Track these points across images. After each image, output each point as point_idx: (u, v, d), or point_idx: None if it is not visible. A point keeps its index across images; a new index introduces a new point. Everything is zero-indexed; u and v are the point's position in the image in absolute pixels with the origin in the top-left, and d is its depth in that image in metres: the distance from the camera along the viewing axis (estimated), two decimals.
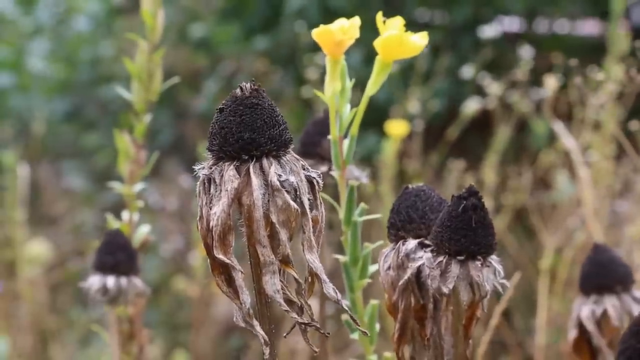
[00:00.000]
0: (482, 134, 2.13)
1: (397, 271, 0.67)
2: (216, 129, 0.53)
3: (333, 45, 0.68)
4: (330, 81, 0.69)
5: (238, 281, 0.53)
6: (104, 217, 0.95)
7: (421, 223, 0.67)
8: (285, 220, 0.52)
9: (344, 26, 0.68)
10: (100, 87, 2.89)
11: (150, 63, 0.93)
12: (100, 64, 2.96)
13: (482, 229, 0.62)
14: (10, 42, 3.11)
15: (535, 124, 1.99)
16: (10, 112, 3.02)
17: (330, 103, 0.69)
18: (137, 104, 0.93)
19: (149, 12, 0.91)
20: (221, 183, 0.52)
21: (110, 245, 0.87)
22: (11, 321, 1.96)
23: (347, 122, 0.69)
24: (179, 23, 2.77)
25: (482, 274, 0.62)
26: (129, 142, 0.92)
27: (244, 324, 0.53)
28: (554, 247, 1.51)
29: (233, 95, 0.54)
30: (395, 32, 0.68)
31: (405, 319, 0.67)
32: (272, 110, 0.53)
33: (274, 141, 0.53)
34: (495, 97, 1.90)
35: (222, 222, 0.52)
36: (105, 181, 2.98)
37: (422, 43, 0.69)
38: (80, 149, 2.99)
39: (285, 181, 0.53)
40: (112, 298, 0.86)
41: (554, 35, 2.64)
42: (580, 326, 0.80)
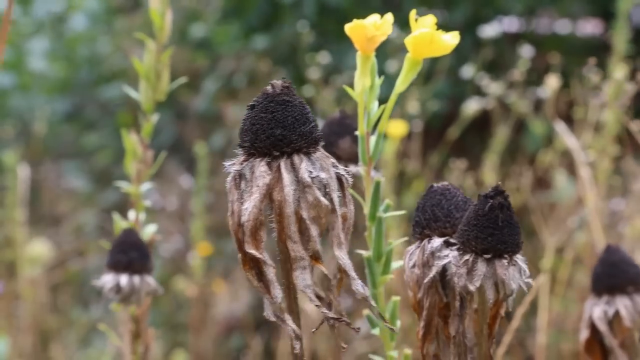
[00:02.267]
0: (481, 134, 2.13)
1: (422, 269, 0.67)
2: (247, 125, 0.54)
3: (365, 40, 0.68)
4: (360, 77, 0.69)
5: (269, 276, 0.53)
6: (105, 217, 0.95)
7: (446, 222, 0.67)
8: (315, 217, 0.53)
9: (377, 22, 0.68)
10: (100, 87, 2.89)
11: (158, 63, 0.93)
12: (99, 63, 2.96)
13: (509, 227, 0.63)
14: (10, 42, 3.11)
15: (533, 124, 1.99)
16: (11, 112, 3.02)
17: (359, 99, 0.69)
18: (145, 103, 0.93)
19: (157, 11, 0.91)
20: (252, 179, 0.53)
21: (124, 244, 0.87)
22: (11, 321, 1.96)
23: (375, 119, 0.69)
24: (179, 23, 2.77)
25: (508, 272, 0.62)
26: (135, 141, 0.92)
27: (275, 319, 0.54)
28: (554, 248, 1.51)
29: (264, 92, 0.54)
30: (427, 30, 0.68)
31: (430, 317, 0.67)
32: (303, 108, 0.54)
33: (305, 138, 0.53)
34: (494, 98, 1.90)
35: (253, 218, 0.52)
36: (105, 181, 2.98)
37: (453, 42, 0.68)
38: (80, 149, 2.99)
39: (316, 178, 0.53)
40: (125, 296, 0.86)
41: (554, 35, 2.64)
42: (592, 326, 0.80)
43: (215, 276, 2.25)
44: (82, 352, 2.20)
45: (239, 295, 2.26)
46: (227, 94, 2.58)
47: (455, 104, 2.15)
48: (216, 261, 2.33)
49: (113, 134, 2.89)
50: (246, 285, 2.29)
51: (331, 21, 2.47)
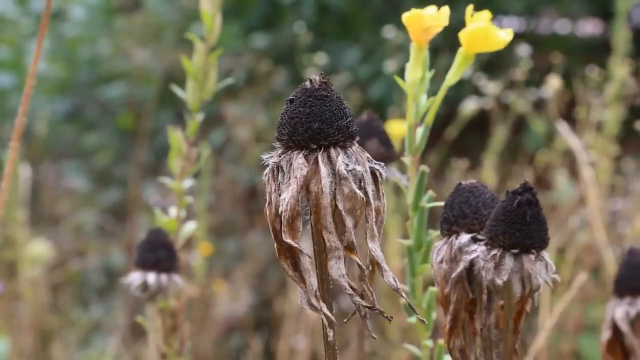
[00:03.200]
0: (481, 134, 2.14)
1: (449, 264, 0.68)
2: (286, 119, 0.55)
3: (421, 31, 0.69)
4: (412, 67, 0.70)
5: (305, 265, 0.54)
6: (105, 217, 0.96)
7: (474, 218, 0.68)
8: (351, 208, 0.54)
9: (433, 13, 0.68)
10: (100, 87, 2.89)
11: (206, 64, 0.95)
12: (99, 63, 2.97)
13: (536, 223, 0.63)
14: (10, 42, 3.11)
15: (534, 124, 1.99)
16: (11, 112, 3.02)
17: (409, 90, 0.70)
18: (192, 103, 0.95)
19: (208, 13, 0.93)
20: (290, 171, 0.54)
21: (152, 242, 0.88)
22: (12, 321, 1.96)
23: (423, 111, 0.70)
24: (178, 23, 2.77)
25: (535, 267, 0.63)
26: (181, 138, 0.94)
27: (309, 307, 0.54)
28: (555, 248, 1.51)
29: (303, 87, 0.55)
30: (482, 24, 0.69)
31: (457, 311, 0.68)
32: (340, 103, 0.55)
33: (342, 132, 0.54)
34: (493, 97, 1.91)
35: (291, 208, 0.53)
36: (105, 181, 2.98)
37: (507, 38, 0.69)
38: (80, 149, 2.99)
39: (352, 170, 0.54)
40: (152, 294, 0.87)
41: (554, 35, 2.64)
42: (614, 327, 0.81)
43: (215, 276, 2.25)
44: (82, 352, 2.20)
45: (239, 296, 2.27)
46: (226, 93, 2.58)
47: (455, 104, 2.15)
48: (216, 261, 2.33)
49: (113, 134, 2.90)
50: (246, 286, 2.30)
51: (330, 21, 2.47)
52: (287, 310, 1.91)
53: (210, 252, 1.97)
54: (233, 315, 2.25)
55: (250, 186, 2.49)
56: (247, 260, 2.34)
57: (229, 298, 2.27)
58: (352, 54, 2.26)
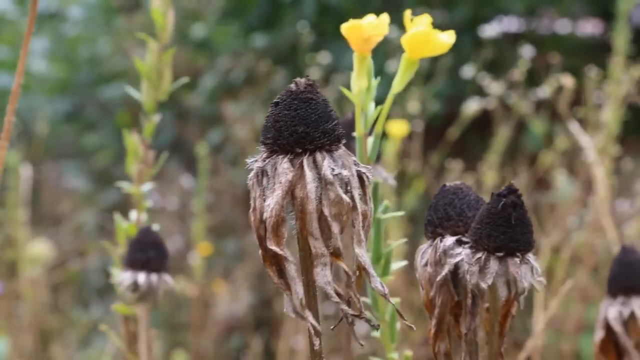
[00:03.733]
0: (481, 134, 2.14)
1: (434, 267, 0.67)
2: (270, 122, 0.54)
3: (362, 41, 0.67)
4: (356, 78, 0.68)
5: (290, 272, 0.53)
6: (105, 217, 0.95)
7: (459, 220, 0.67)
8: (337, 214, 0.53)
9: (373, 22, 0.67)
10: (100, 87, 2.89)
11: (159, 63, 0.93)
12: (99, 63, 2.96)
13: (521, 226, 0.63)
14: (10, 42, 3.11)
15: (534, 124, 1.99)
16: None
17: (356, 100, 0.69)
18: (147, 103, 0.93)
19: (159, 11, 0.91)
20: (274, 175, 0.53)
21: (142, 242, 0.87)
22: (12, 321, 1.96)
23: (372, 120, 0.69)
24: (179, 23, 2.77)
25: (520, 270, 0.63)
26: (137, 141, 0.93)
27: (295, 315, 0.54)
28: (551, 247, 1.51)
29: (288, 90, 0.54)
30: (423, 29, 0.68)
31: (442, 315, 0.67)
32: (326, 105, 0.54)
33: (328, 135, 0.54)
34: (495, 98, 1.90)
35: (275, 214, 0.53)
36: (105, 181, 2.98)
37: (449, 41, 0.68)
38: (80, 149, 2.99)
39: (338, 175, 0.53)
40: (143, 294, 0.86)
41: (555, 35, 2.64)
42: (607, 327, 0.80)
43: (215, 276, 2.25)
44: (82, 352, 2.20)
45: (239, 296, 2.27)
46: (226, 92, 2.58)
47: (455, 104, 2.15)
48: (216, 261, 2.33)
49: (113, 134, 2.90)
50: (246, 286, 2.29)
51: (331, 21, 2.47)
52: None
53: (209, 252, 1.97)
54: (233, 315, 2.25)
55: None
56: (247, 260, 2.34)
57: (229, 298, 2.27)
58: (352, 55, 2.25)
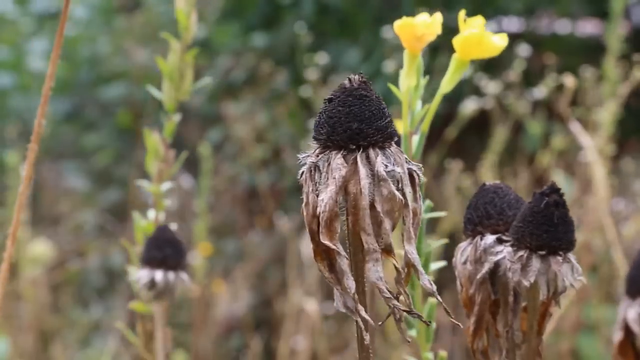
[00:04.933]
0: (480, 134, 2.14)
1: (474, 265, 0.67)
2: (324, 118, 0.54)
3: (414, 39, 0.67)
4: (406, 76, 0.69)
5: (343, 266, 0.53)
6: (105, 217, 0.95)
7: (499, 219, 0.68)
8: (389, 210, 0.53)
9: (426, 20, 0.67)
10: (100, 87, 2.89)
11: (182, 63, 0.93)
12: (99, 63, 2.97)
13: (564, 225, 0.63)
14: (10, 42, 3.11)
15: (531, 125, 1.99)
16: (11, 112, 3.03)
17: (404, 98, 0.69)
18: (168, 103, 0.94)
19: (183, 11, 0.92)
20: (328, 171, 0.53)
21: (159, 240, 0.87)
22: (12, 321, 1.97)
23: (419, 118, 0.70)
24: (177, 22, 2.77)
25: (562, 269, 0.63)
26: (158, 141, 0.93)
27: (345, 310, 0.53)
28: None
29: (342, 87, 0.54)
30: (476, 31, 0.68)
31: (482, 313, 0.67)
32: (379, 103, 0.54)
33: (381, 132, 0.53)
34: (493, 98, 1.90)
35: (329, 209, 0.53)
36: (105, 181, 2.97)
37: (502, 44, 0.68)
38: (80, 149, 2.99)
39: (391, 172, 0.53)
40: (160, 292, 0.86)
41: (554, 35, 2.64)
42: (626, 328, 0.80)
43: (215, 276, 2.26)
44: (82, 353, 2.20)
45: (239, 296, 2.27)
46: (226, 92, 2.59)
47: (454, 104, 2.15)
48: (216, 261, 2.33)
49: (113, 134, 2.90)
50: (246, 286, 2.30)
51: (330, 21, 2.47)
52: (287, 310, 1.91)
53: (210, 252, 1.97)
54: (233, 315, 2.26)
55: (250, 186, 2.49)
56: (247, 260, 2.34)
57: (229, 298, 2.27)
58: (352, 54, 2.26)
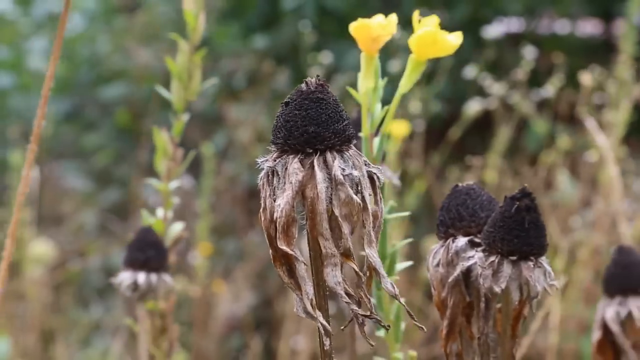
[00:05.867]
0: (482, 134, 2.14)
1: (446, 268, 0.67)
2: (281, 122, 0.54)
3: (370, 40, 0.67)
4: (364, 78, 0.68)
5: (300, 272, 0.53)
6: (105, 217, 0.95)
7: (471, 221, 0.67)
8: (347, 214, 0.53)
9: (382, 22, 0.67)
10: (99, 87, 2.89)
11: (190, 63, 0.94)
12: (99, 63, 2.96)
13: (535, 229, 0.63)
14: (10, 42, 3.11)
15: (536, 123, 1.99)
16: (11, 112, 3.02)
17: (363, 100, 0.69)
18: (176, 103, 0.94)
19: (191, 12, 0.92)
20: (285, 175, 0.53)
21: (141, 242, 0.87)
22: (14, 321, 1.96)
23: (379, 120, 0.69)
24: (179, 23, 2.77)
25: (533, 274, 0.63)
26: (167, 140, 0.93)
27: (305, 315, 0.53)
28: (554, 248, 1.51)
29: (298, 90, 0.54)
30: (430, 29, 0.68)
31: (454, 316, 0.67)
32: (337, 105, 0.54)
33: (338, 136, 0.53)
34: (496, 98, 1.90)
35: (286, 214, 0.53)
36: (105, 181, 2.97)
37: (456, 42, 0.68)
38: (80, 149, 2.99)
39: (348, 175, 0.53)
40: (143, 294, 0.86)
41: (554, 35, 2.64)
42: (604, 327, 0.80)
43: (215, 276, 2.25)
44: (82, 353, 2.20)
45: (239, 296, 2.27)
46: (227, 93, 2.58)
47: (456, 105, 2.15)
48: (216, 261, 2.33)
49: (113, 134, 2.89)
50: (246, 286, 2.29)
51: (331, 22, 2.47)
52: (288, 310, 1.91)
53: (210, 252, 1.97)
54: (233, 315, 2.25)
55: (251, 186, 2.48)
56: (247, 260, 2.34)
57: (230, 298, 2.27)
58: (353, 55, 2.25)
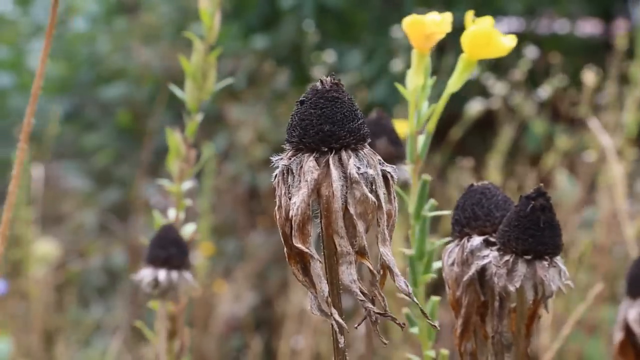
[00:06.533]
0: (481, 134, 2.14)
1: (461, 267, 0.67)
2: (296, 120, 0.54)
3: (423, 37, 0.67)
4: (414, 75, 0.68)
5: (316, 270, 0.53)
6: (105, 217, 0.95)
7: (486, 220, 0.67)
8: (362, 212, 0.53)
9: (435, 19, 0.67)
10: (100, 87, 2.89)
11: (205, 63, 0.93)
12: (99, 63, 2.96)
13: (550, 229, 0.63)
14: (10, 42, 3.11)
15: (535, 124, 1.99)
16: (11, 112, 3.02)
17: (411, 97, 0.69)
18: (190, 103, 0.94)
19: (206, 11, 0.92)
20: (300, 174, 0.53)
21: (163, 239, 0.87)
22: (16, 320, 1.96)
23: (425, 118, 0.69)
24: (178, 22, 2.77)
25: (548, 274, 0.63)
26: (179, 140, 0.93)
27: (320, 313, 0.53)
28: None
29: (314, 89, 0.54)
30: (486, 28, 0.67)
31: (469, 315, 0.67)
32: (352, 104, 0.54)
33: (353, 134, 0.53)
34: (498, 98, 1.90)
35: (301, 212, 0.52)
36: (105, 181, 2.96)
37: (510, 44, 0.68)
38: (80, 149, 2.99)
39: (363, 174, 0.53)
40: (163, 291, 0.86)
41: (554, 35, 2.64)
42: (626, 328, 0.80)
43: (216, 276, 2.25)
44: (83, 352, 2.20)
45: (240, 296, 2.27)
46: (228, 94, 2.58)
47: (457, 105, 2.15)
48: (217, 261, 2.33)
49: (113, 134, 2.89)
50: (247, 286, 2.29)
51: (330, 22, 2.47)
52: (288, 310, 1.91)
53: (211, 252, 1.97)
54: (234, 315, 2.25)
55: (251, 186, 2.48)
56: (248, 261, 2.34)
57: (230, 298, 2.27)
58: (354, 55, 2.25)
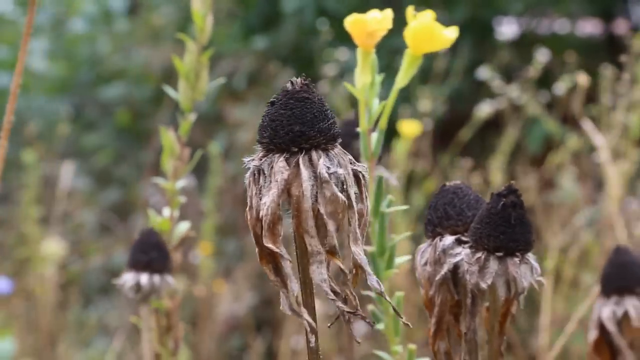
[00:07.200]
0: (482, 135, 2.14)
1: (434, 266, 0.67)
2: (266, 121, 0.55)
3: (365, 35, 0.68)
4: (360, 73, 0.69)
5: (286, 269, 0.54)
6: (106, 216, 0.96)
7: (458, 220, 0.68)
8: (332, 212, 0.53)
9: (377, 16, 0.67)
10: (99, 87, 2.89)
11: (197, 63, 0.94)
12: (99, 63, 2.96)
13: (521, 226, 0.63)
14: (10, 42, 3.11)
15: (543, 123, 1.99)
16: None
17: (360, 96, 0.69)
18: (184, 103, 0.94)
19: (199, 12, 0.93)
20: (271, 174, 0.54)
21: (144, 243, 0.88)
22: (20, 320, 1.96)
23: (376, 115, 0.70)
24: (178, 21, 2.77)
25: (519, 270, 0.63)
26: (174, 139, 0.94)
27: (291, 312, 0.54)
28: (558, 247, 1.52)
29: (284, 89, 0.55)
30: (426, 22, 0.68)
31: (442, 314, 0.67)
32: (322, 105, 0.55)
33: (323, 134, 0.54)
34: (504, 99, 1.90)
35: (271, 212, 0.53)
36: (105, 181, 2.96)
37: (451, 36, 0.68)
38: (80, 149, 2.99)
39: (333, 173, 0.54)
40: (145, 295, 0.87)
41: (554, 35, 2.64)
42: (600, 327, 0.81)
43: (216, 276, 2.25)
44: (83, 352, 2.20)
45: (240, 296, 2.27)
46: (228, 94, 2.58)
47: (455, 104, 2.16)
48: (217, 261, 2.33)
49: (113, 134, 2.90)
50: (247, 285, 2.29)
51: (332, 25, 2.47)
52: None
53: (211, 251, 1.97)
54: (234, 315, 2.25)
55: None
56: (248, 260, 2.34)
57: (230, 298, 2.27)
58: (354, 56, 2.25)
